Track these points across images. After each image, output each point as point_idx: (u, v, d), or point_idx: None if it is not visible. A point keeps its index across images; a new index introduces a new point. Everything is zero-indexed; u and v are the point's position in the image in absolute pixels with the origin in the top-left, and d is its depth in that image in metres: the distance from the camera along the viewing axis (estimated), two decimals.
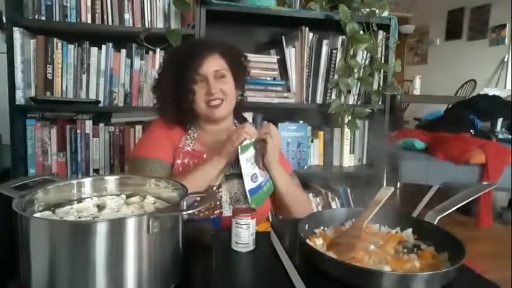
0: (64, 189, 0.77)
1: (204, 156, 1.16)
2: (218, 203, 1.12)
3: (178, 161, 1.14)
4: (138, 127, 1.76)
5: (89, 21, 1.65)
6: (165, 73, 1.17)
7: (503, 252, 2.28)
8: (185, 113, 1.16)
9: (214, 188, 1.12)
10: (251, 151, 1.08)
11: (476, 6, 5.24)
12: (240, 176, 1.14)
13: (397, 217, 0.84)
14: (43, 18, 1.62)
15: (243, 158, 1.05)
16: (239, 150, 1.04)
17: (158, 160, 1.12)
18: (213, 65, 1.13)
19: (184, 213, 0.78)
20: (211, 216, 1.10)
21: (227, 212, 1.10)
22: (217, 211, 1.11)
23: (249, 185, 1.07)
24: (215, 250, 0.80)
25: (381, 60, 1.91)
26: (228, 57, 1.17)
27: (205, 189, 1.08)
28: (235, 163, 1.14)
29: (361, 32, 1.81)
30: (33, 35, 1.64)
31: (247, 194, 1.07)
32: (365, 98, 1.95)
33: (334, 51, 1.88)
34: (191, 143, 1.18)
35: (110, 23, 1.67)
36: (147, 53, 1.73)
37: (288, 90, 1.89)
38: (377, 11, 1.84)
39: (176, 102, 1.15)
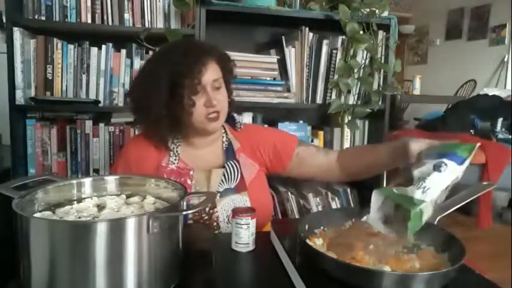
0: (64, 189, 0.77)
1: (191, 173, 1.06)
2: (215, 224, 1.05)
3: None
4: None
5: (89, 21, 1.65)
6: (158, 79, 1.00)
7: (503, 252, 2.28)
8: (176, 126, 1.06)
9: (208, 209, 1.04)
10: None
11: (476, 6, 5.24)
12: (235, 190, 1.07)
13: None
14: (43, 18, 1.62)
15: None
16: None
17: None
18: (212, 73, 1.03)
19: (184, 213, 0.78)
20: None
21: (226, 231, 1.05)
22: (216, 232, 1.04)
23: None
24: (215, 250, 0.80)
25: (381, 60, 1.91)
26: (222, 64, 1.09)
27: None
28: (231, 176, 1.09)
29: (361, 32, 1.81)
30: (33, 35, 1.64)
31: None
32: (365, 98, 1.95)
33: (334, 51, 1.88)
34: (175, 160, 1.08)
35: (110, 23, 1.67)
36: (147, 53, 1.73)
37: (288, 90, 1.89)
38: (377, 11, 1.84)
39: (170, 114, 1.02)
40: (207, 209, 1.04)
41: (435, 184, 0.70)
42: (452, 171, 0.72)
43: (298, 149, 1.16)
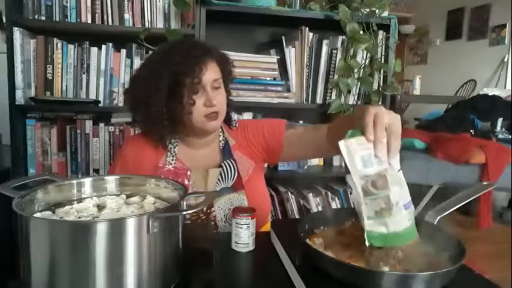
0: (64, 189, 0.77)
1: (188, 173, 1.07)
2: (213, 223, 1.05)
3: None
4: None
5: (89, 21, 1.65)
6: (159, 78, 1.00)
7: (503, 252, 2.28)
8: (175, 125, 1.05)
9: (205, 209, 1.04)
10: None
11: (476, 6, 5.24)
12: (232, 189, 1.07)
13: None
14: (43, 18, 1.62)
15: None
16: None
17: None
18: (213, 73, 1.03)
19: (184, 213, 0.78)
20: None
21: (224, 230, 1.05)
22: (215, 232, 1.05)
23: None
24: (215, 250, 0.80)
25: (381, 60, 1.91)
26: (222, 65, 1.08)
27: None
28: (227, 175, 1.09)
29: (361, 32, 1.81)
30: (33, 35, 1.64)
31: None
32: (365, 98, 1.95)
33: (334, 51, 1.88)
34: (172, 160, 1.08)
35: (110, 23, 1.68)
36: (147, 53, 1.73)
37: (288, 90, 1.89)
38: (377, 11, 1.84)
39: (169, 113, 1.02)
40: (204, 208, 1.04)
41: (357, 203, 0.70)
42: (356, 183, 0.68)
43: (287, 132, 1.14)
